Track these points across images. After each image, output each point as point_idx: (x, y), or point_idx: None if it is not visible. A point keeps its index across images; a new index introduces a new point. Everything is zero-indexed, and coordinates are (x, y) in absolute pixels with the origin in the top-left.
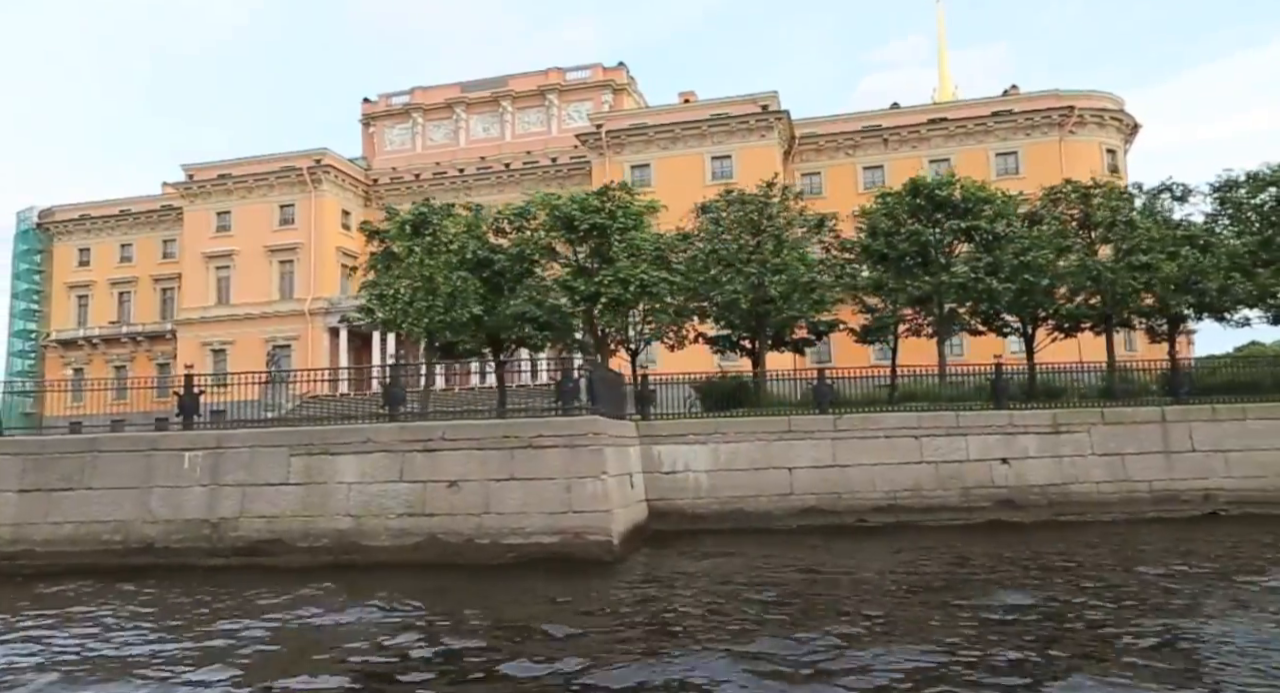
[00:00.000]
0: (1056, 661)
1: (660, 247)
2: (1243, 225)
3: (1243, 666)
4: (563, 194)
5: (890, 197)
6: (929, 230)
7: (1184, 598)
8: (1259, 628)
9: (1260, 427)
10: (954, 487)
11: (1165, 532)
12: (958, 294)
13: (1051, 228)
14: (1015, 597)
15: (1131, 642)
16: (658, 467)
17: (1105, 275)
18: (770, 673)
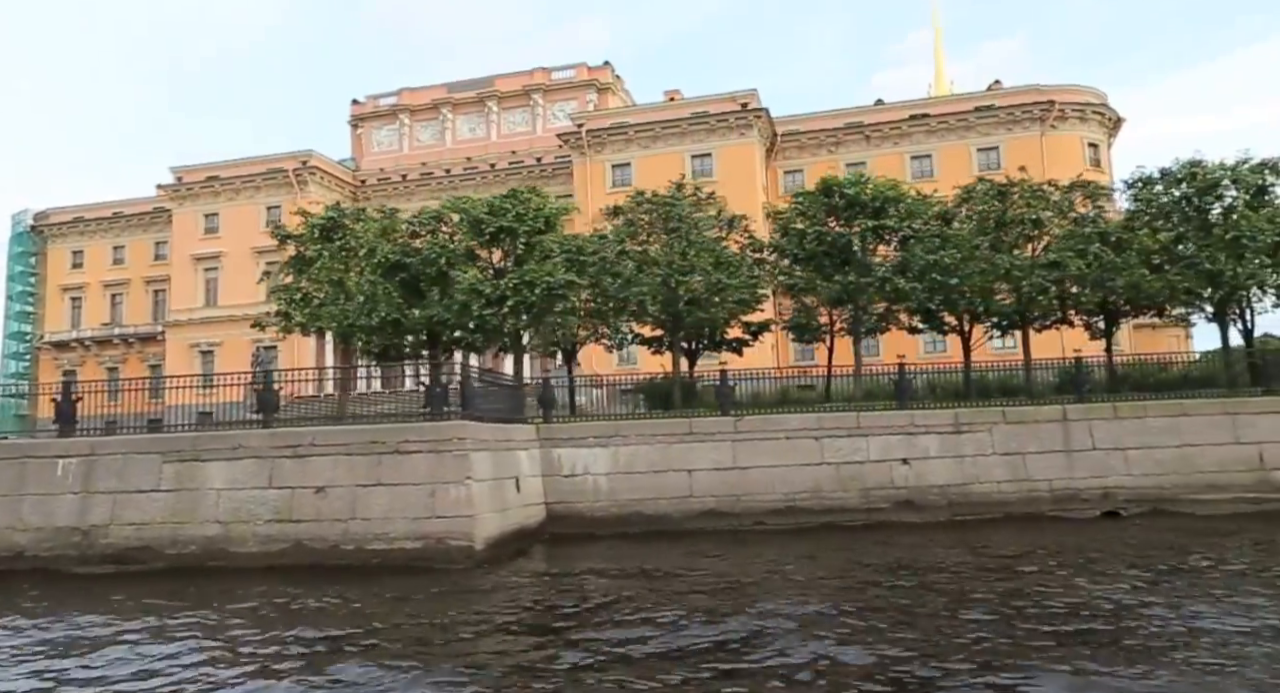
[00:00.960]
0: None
1: (571, 249)
2: (1160, 222)
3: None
4: (549, 193)
5: (804, 196)
6: (839, 230)
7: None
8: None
9: (1160, 424)
10: (854, 488)
11: (1054, 530)
12: (871, 294)
13: (968, 226)
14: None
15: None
16: (557, 470)
17: (1014, 274)
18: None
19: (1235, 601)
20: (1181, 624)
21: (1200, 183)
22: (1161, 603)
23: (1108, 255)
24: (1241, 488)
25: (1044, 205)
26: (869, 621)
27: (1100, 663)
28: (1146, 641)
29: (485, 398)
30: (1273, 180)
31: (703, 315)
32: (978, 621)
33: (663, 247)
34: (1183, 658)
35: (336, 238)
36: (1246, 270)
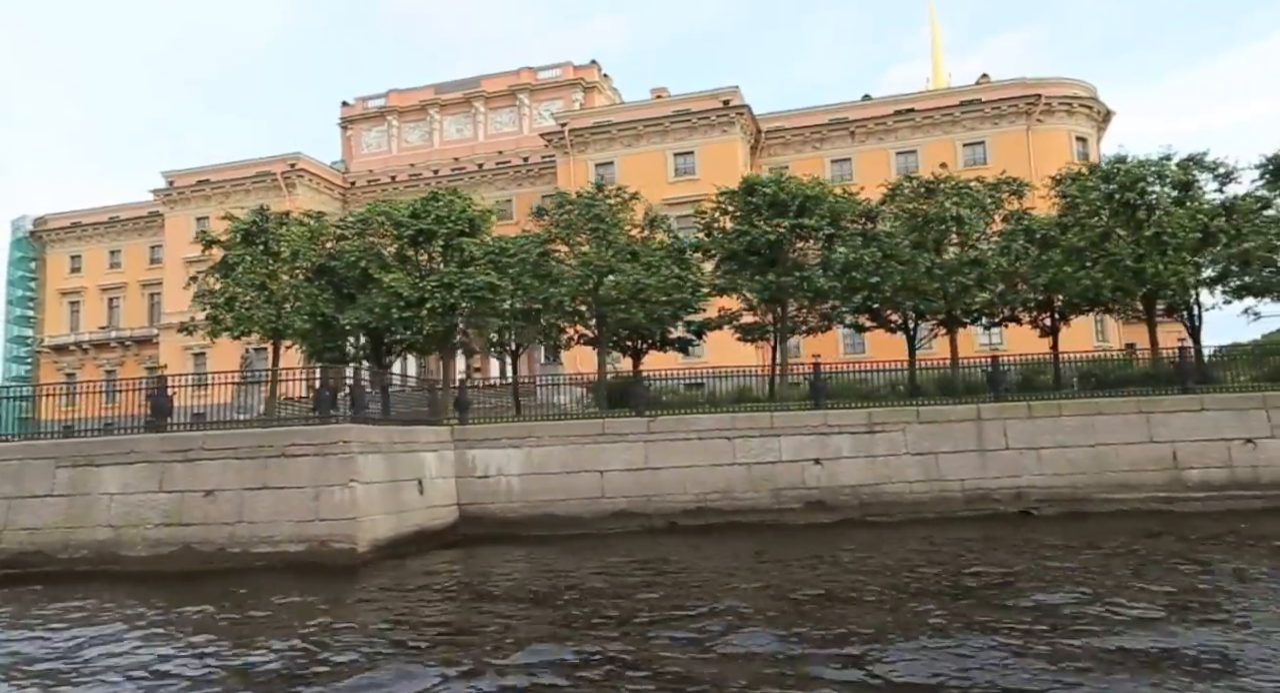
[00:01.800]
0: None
1: (495, 251)
2: (1094, 219)
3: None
4: (535, 192)
5: (726, 195)
6: (761, 229)
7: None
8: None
9: (1074, 423)
10: (765, 488)
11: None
12: (796, 293)
13: (900, 225)
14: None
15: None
16: (471, 471)
17: (934, 272)
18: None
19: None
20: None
21: (1123, 179)
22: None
23: (1031, 253)
24: (1154, 487)
25: (969, 202)
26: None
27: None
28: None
29: (385, 401)
30: (1199, 176)
31: (623, 315)
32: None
33: (585, 247)
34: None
35: (259, 242)
36: (1170, 268)
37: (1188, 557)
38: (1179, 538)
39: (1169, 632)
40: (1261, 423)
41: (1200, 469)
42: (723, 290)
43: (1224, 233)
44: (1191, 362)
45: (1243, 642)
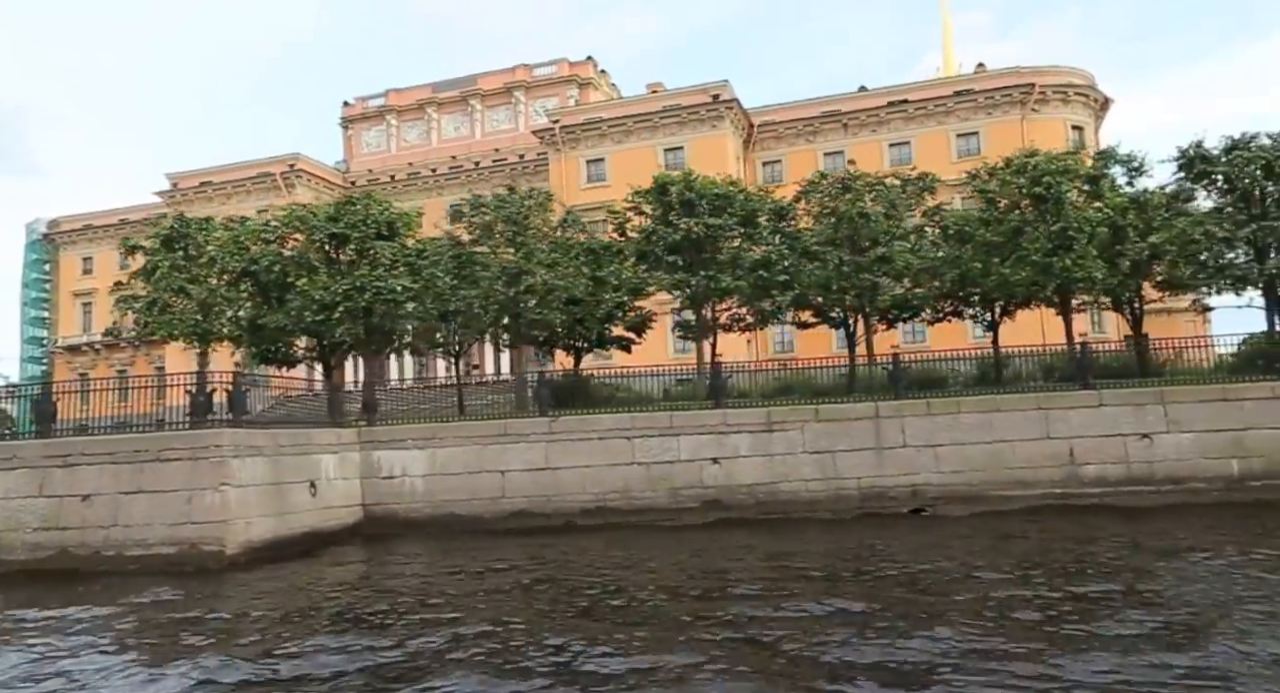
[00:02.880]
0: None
1: (412, 255)
2: (1016, 214)
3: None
4: (521, 190)
5: (639, 195)
6: (666, 229)
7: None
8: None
9: (972, 420)
10: (663, 488)
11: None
12: (703, 292)
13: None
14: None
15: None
16: (376, 472)
17: (843, 270)
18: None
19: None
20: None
21: (1031, 174)
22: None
23: (944, 249)
24: (1050, 483)
25: (885, 199)
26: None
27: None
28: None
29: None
30: (1110, 170)
31: (535, 317)
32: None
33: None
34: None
35: (178, 247)
36: (1078, 264)
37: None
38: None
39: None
40: (1158, 418)
41: (1096, 465)
42: (635, 291)
43: (1132, 227)
44: (1090, 358)
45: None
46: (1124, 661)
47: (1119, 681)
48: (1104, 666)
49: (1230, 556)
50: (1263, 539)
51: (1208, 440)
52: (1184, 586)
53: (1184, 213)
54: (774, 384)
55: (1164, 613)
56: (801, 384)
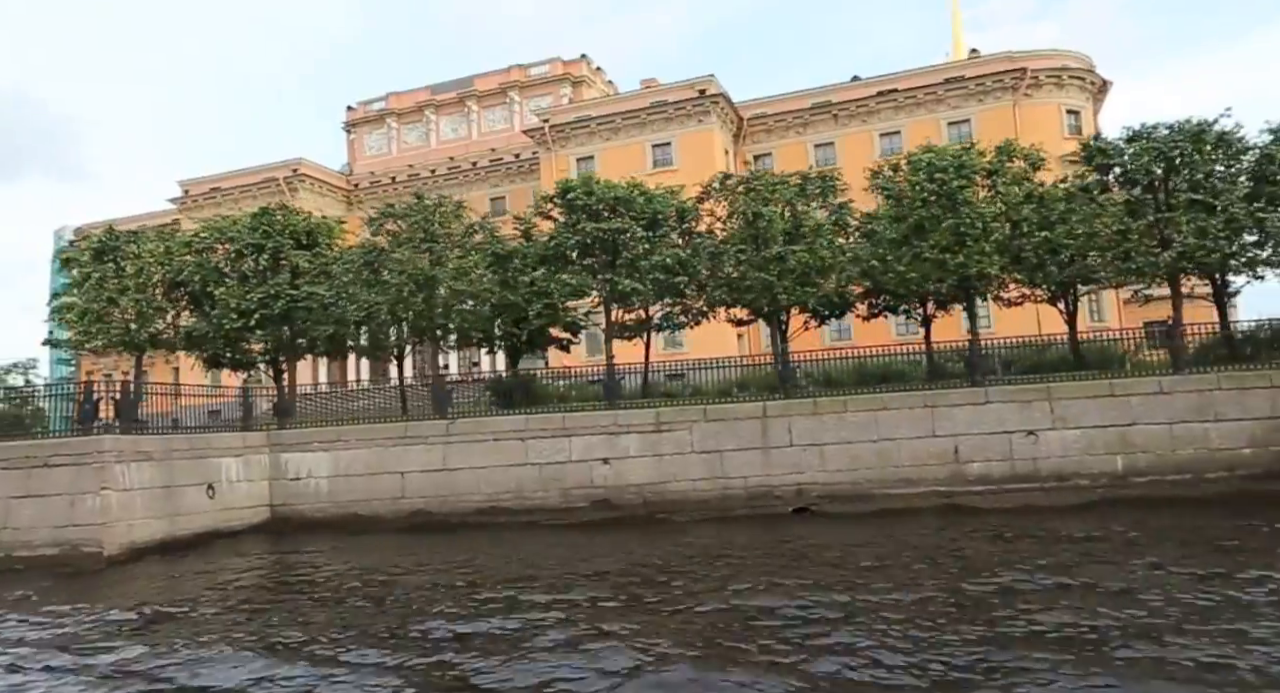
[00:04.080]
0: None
1: (329, 263)
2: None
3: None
4: (527, 188)
5: (543, 199)
6: (565, 234)
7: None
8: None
9: (859, 419)
10: (554, 488)
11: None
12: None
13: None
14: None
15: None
16: (284, 473)
17: (741, 268)
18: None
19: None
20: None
21: (926, 171)
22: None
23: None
24: (935, 481)
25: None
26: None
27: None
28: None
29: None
30: (1007, 164)
31: (441, 322)
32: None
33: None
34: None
35: (108, 259)
36: (972, 260)
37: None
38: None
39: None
40: (1044, 415)
41: (981, 462)
42: (539, 294)
43: (1026, 222)
44: (980, 355)
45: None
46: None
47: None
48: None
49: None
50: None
51: (1094, 437)
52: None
53: (1100, 206)
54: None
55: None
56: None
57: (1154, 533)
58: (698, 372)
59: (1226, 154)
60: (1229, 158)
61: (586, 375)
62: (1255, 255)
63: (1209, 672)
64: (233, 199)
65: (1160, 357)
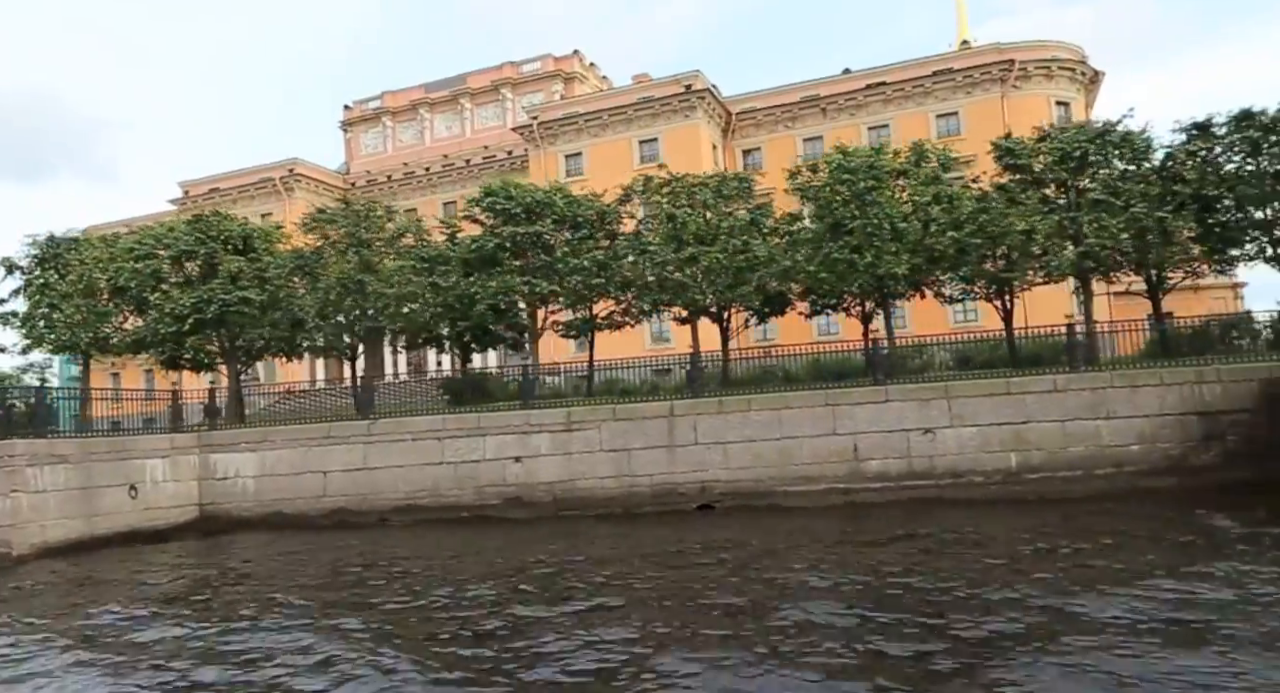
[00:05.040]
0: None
1: (264, 267)
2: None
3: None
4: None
5: (471, 203)
6: (484, 238)
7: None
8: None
9: (762, 418)
10: (469, 486)
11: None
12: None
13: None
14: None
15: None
16: (213, 473)
17: (654, 269)
18: None
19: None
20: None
21: (837, 172)
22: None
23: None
24: (834, 479)
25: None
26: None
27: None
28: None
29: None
30: (913, 166)
31: (370, 325)
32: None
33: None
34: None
35: (50, 266)
36: (882, 261)
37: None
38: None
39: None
40: (942, 413)
41: (880, 460)
42: (464, 297)
43: (934, 222)
44: (883, 355)
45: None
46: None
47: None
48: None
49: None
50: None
51: (989, 434)
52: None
53: (1019, 204)
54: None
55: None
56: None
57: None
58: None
59: (1132, 155)
60: (1134, 158)
61: (576, 370)
62: (1170, 254)
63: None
64: (231, 199)
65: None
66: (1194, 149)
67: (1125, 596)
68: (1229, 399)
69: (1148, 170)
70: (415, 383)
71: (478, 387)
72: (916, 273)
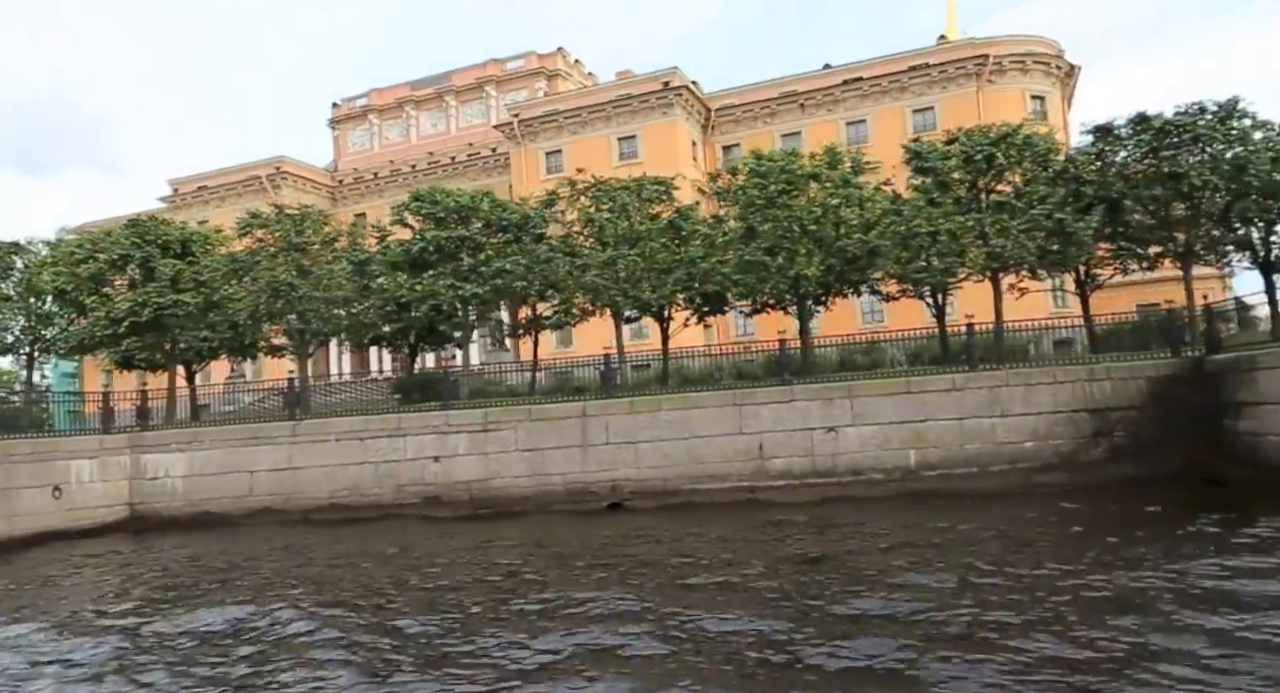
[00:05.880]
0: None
1: (200, 271)
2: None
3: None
4: (504, 182)
5: (398, 207)
6: (411, 241)
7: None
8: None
9: (671, 418)
10: (389, 485)
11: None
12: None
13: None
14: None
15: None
16: (143, 474)
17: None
18: None
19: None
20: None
21: (752, 175)
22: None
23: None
24: (740, 477)
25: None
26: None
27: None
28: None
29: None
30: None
31: (300, 327)
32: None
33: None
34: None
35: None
36: (793, 264)
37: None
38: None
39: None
40: (845, 412)
41: (784, 458)
42: (391, 300)
43: (844, 224)
44: (790, 355)
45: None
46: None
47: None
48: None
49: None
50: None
51: (889, 432)
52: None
53: (937, 205)
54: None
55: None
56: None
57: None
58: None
59: (1033, 157)
60: (1035, 161)
61: (555, 368)
62: (1074, 254)
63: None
64: (219, 197)
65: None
66: (1094, 151)
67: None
68: (1118, 397)
69: (1052, 173)
70: (364, 383)
71: (426, 387)
72: (830, 274)
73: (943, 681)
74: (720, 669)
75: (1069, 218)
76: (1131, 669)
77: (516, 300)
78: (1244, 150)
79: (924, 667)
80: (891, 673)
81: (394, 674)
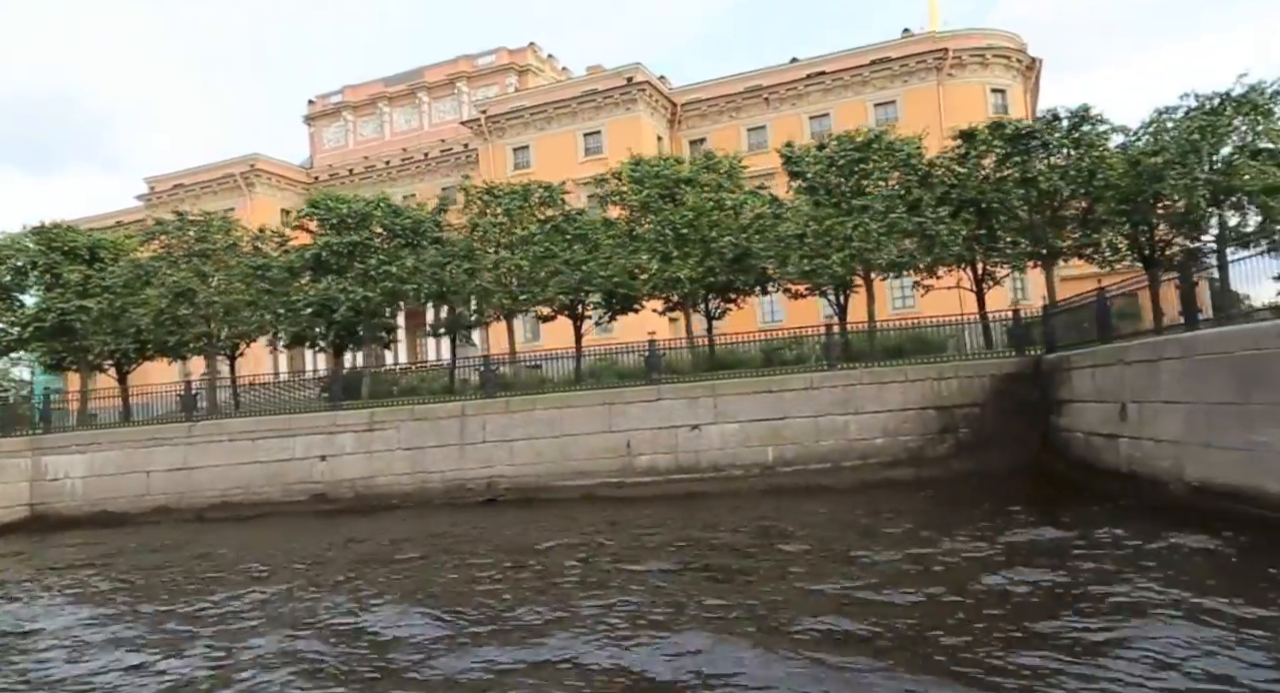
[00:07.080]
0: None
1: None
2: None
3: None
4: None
5: (300, 214)
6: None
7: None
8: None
9: (545, 416)
10: (278, 483)
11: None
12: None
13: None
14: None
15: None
16: (44, 475)
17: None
18: None
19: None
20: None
21: (629, 180)
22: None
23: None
24: (607, 473)
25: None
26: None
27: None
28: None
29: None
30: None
31: (202, 329)
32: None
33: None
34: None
35: None
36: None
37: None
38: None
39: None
40: (708, 410)
41: (649, 455)
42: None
43: (716, 226)
44: (659, 356)
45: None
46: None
47: None
48: None
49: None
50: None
51: (750, 430)
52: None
53: (819, 207)
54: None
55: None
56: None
57: None
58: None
59: (891, 163)
60: (893, 166)
61: (525, 361)
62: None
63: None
64: (194, 196)
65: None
66: (954, 156)
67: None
68: (964, 394)
69: (915, 178)
70: (296, 384)
71: (351, 385)
72: (711, 275)
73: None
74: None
75: (929, 221)
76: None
77: (409, 303)
78: (1096, 155)
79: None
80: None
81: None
